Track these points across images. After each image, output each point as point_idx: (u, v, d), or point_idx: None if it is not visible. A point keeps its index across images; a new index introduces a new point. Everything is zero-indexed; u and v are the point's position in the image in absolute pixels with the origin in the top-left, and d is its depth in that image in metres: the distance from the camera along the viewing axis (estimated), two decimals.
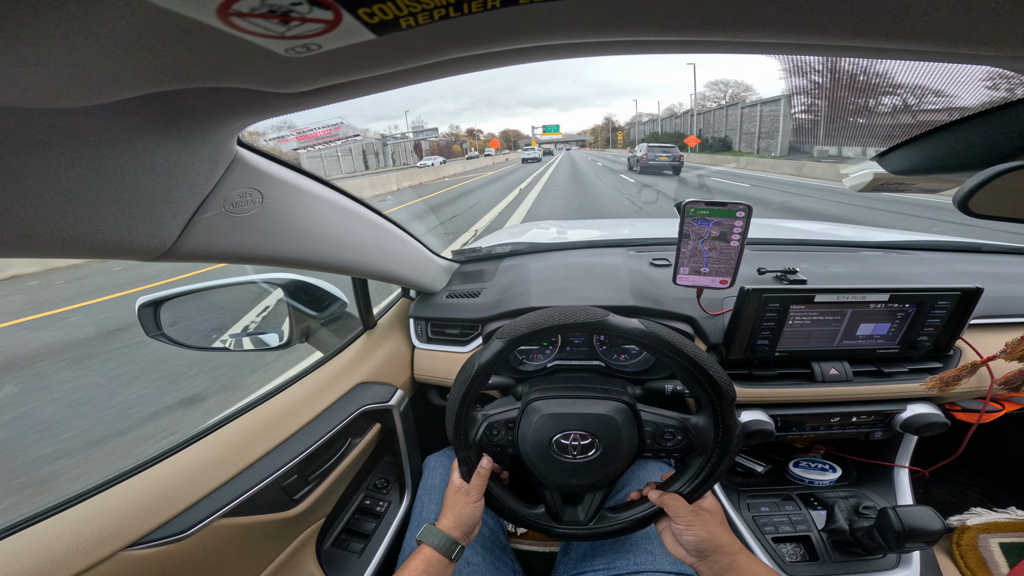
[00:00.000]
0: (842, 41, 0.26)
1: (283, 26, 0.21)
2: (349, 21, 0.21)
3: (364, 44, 0.23)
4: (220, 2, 0.19)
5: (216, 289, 0.97)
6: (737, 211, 0.79)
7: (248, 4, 0.19)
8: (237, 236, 0.49)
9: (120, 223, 0.36)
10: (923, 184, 0.56)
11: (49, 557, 0.51)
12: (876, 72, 0.42)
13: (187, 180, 0.40)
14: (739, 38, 0.27)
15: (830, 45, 0.28)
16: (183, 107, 0.32)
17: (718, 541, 0.60)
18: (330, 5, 0.19)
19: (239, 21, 0.20)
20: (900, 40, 0.25)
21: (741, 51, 0.31)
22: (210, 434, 0.73)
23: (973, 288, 0.83)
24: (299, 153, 42.35)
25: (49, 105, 0.26)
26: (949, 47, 0.26)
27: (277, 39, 0.22)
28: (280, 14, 0.20)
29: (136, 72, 0.24)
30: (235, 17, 0.20)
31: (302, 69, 0.25)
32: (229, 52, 0.23)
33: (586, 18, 0.24)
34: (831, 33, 0.25)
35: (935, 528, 0.74)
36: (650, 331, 0.61)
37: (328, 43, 0.22)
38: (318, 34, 0.21)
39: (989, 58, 0.29)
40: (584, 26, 0.25)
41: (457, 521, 0.66)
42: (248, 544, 0.71)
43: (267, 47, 0.22)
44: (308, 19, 0.20)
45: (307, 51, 0.23)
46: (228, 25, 0.20)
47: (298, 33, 0.21)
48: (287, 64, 0.24)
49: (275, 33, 0.21)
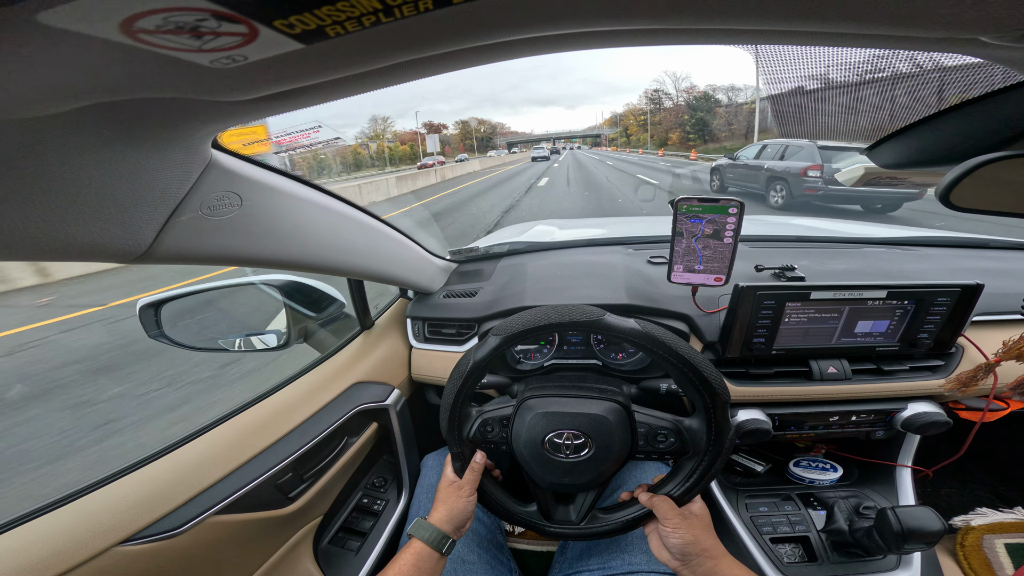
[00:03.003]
0: (828, 27, 0.26)
1: (197, 40, 0.20)
2: (268, 33, 0.20)
3: (294, 53, 0.22)
4: (119, 21, 0.18)
5: (215, 291, 0.98)
6: (730, 207, 0.79)
7: (151, 22, 0.18)
8: (217, 238, 0.49)
9: (91, 227, 0.37)
10: (915, 178, 0.55)
11: (44, 553, 0.52)
12: (861, 63, 0.41)
13: (159, 185, 0.40)
14: (725, 25, 0.27)
15: (817, 32, 0.28)
16: (146, 115, 0.33)
17: (702, 545, 0.60)
18: (240, 20, 0.19)
19: (148, 37, 0.19)
20: (881, 24, 0.25)
21: (728, 40, 0.31)
22: (205, 432, 0.74)
23: (973, 284, 0.81)
24: (280, 156, 42.54)
25: (3, 116, 0.26)
26: (930, 31, 0.25)
27: (196, 52, 0.21)
28: (189, 29, 0.19)
29: (75, 86, 0.24)
30: (143, 34, 0.19)
31: (239, 79, 0.25)
32: (155, 65, 0.22)
33: (532, 13, 0.23)
34: (818, 19, 0.25)
35: (935, 529, 0.72)
36: (646, 331, 0.61)
37: (254, 54, 0.22)
38: (238, 46, 0.21)
39: (968, 44, 0.28)
40: (531, 21, 0.24)
41: (449, 515, 0.67)
42: (243, 541, 0.72)
43: (190, 60, 0.22)
44: (221, 33, 0.20)
45: (234, 62, 0.22)
46: (139, 41, 0.20)
47: (216, 46, 0.21)
48: (220, 74, 0.24)
49: (191, 47, 0.20)
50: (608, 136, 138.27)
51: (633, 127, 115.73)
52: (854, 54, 0.40)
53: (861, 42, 0.32)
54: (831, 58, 0.38)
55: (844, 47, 0.35)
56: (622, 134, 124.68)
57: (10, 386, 3.21)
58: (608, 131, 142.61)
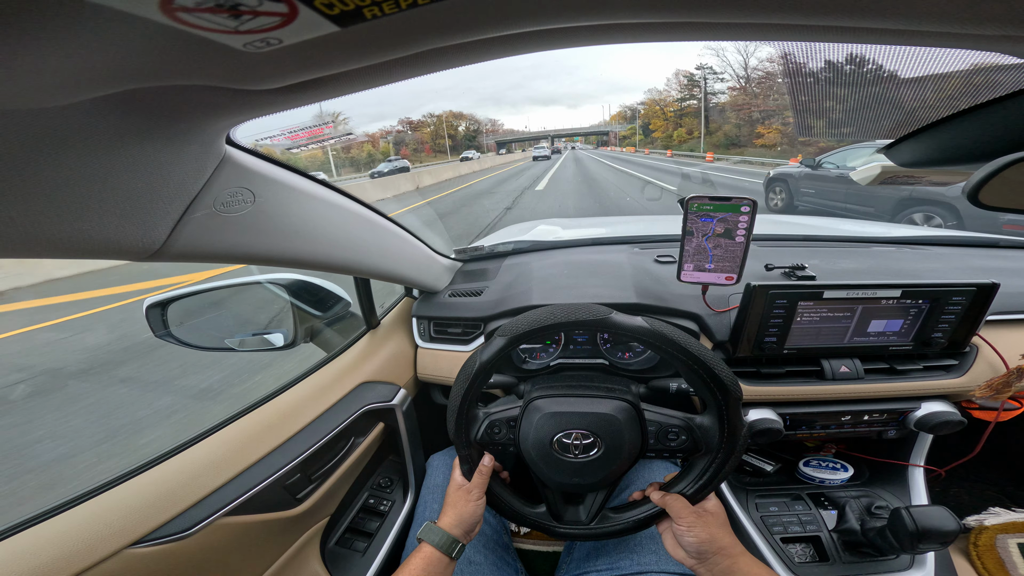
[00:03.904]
0: (846, 21, 0.25)
1: (235, 20, 0.20)
2: (307, 13, 0.20)
3: (329, 37, 0.22)
4: None
5: (221, 290, 0.98)
6: (742, 206, 0.78)
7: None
8: (230, 236, 0.49)
9: (106, 224, 0.36)
10: (932, 177, 0.54)
11: (55, 554, 0.51)
12: (881, 61, 0.40)
13: (173, 180, 0.39)
14: (737, 19, 0.26)
15: (834, 26, 0.27)
16: (164, 107, 0.32)
17: (719, 543, 0.59)
18: None
19: (185, 16, 0.19)
20: (905, 20, 0.24)
21: (739, 35, 0.30)
22: (213, 433, 0.74)
23: (989, 284, 0.80)
24: (292, 153, 42.33)
25: (20, 106, 0.25)
26: (955, 27, 0.24)
27: (231, 34, 0.21)
28: (228, 8, 0.19)
29: (101, 71, 0.23)
30: (181, 12, 0.19)
31: (269, 64, 0.25)
32: (187, 48, 0.22)
33: (562, 4, 0.23)
34: (836, 13, 0.24)
35: (950, 529, 0.72)
36: (655, 329, 0.60)
37: (289, 37, 0.21)
38: (275, 27, 0.21)
39: (995, 41, 0.28)
40: (567, 10, 0.24)
41: (458, 519, 0.66)
42: (251, 542, 0.72)
43: (223, 42, 0.21)
44: (260, 12, 0.19)
45: (267, 46, 0.22)
46: (175, 20, 0.19)
47: (252, 27, 0.20)
48: (252, 60, 0.23)
49: (227, 28, 0.20)
50: (618, 133, 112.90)
51: (659, 121, 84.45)
52: (879, 49, 0.39)
53: (885, 38, 0.31)
54: (855, 51, 0.37)
55: (867, 43, 0.34)
56: (640, 130, 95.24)
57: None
58: (617, 127, 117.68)
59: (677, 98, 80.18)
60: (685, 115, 77.78)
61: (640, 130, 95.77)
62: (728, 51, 65.66)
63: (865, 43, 0.33)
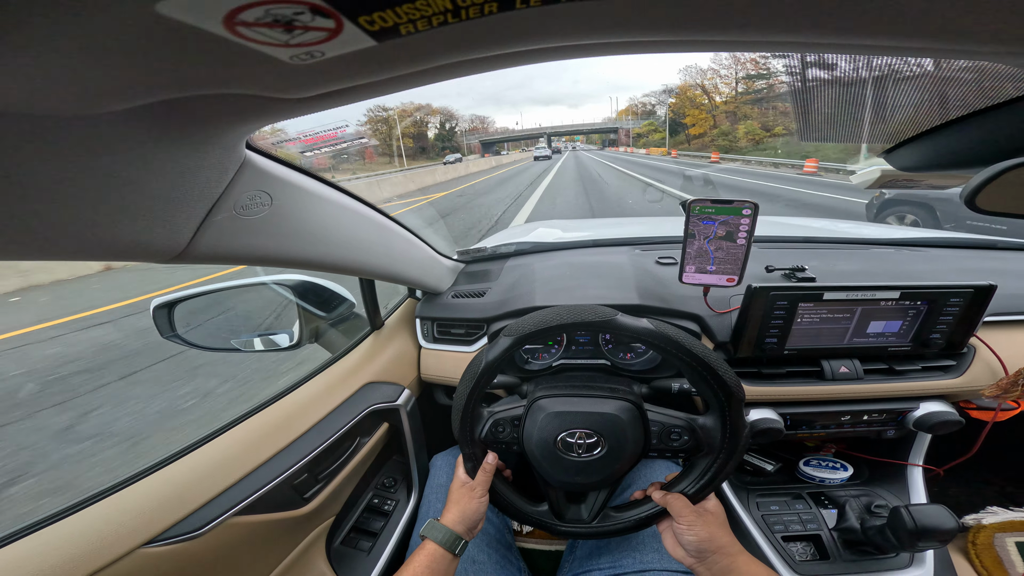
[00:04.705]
0: (851, 40, 0.26)
1: (287, 34, 0.21)
2: (351, 29, 0.21)
3: (366, 50, 0.23)
4: (226, 12, 0.19)
5: (228, 291, 0.99)
6: (743, 209, 0.79)
7: (253, 14, 0.19)
8: (247, 238, 0.50)
9: (137, 227, 0.37)
10: (931, 180, 0.55)
11: (69, 554, 0.52)
12: (881, 68, 0.41)
13: (198, 184, 0.40)
14: (743, 37, 0.27)
15: (837, 43, 0.28)
16: (191, 113, 0.33)
17: (718, 542, 0.60)
18: (331, 14, 0.20)
19: (244, 30, 0.21)
20: (908, 38, 0.25)
21: (745, 49, 0.31)
22: (223, 433, 0.75)
23: (986, 285, 0.81)
24: (306, 156, 42.28)
25: (60, 113, 0.27)
26: (956, 44, 0.25)
27: (282, 47, 0.22)
28: (284, 23, 0.20)
29: (148, 80, 0.24)
30: (241, 27, 0.20)
31: (306, 75, 0.26)
32: (235, 60, 0.23)
33: (583, 22, 0.24)
34: (839, 32, 0.25)
35: (949, 527, 0.73)
36: (658, 330, 0.61)
37: (331, 50, 0.23)
38: (321, 42, 0.22)
39: (993, 54, 0.29)
40: (581, 29, 0.25)
41: (461, 516, 0.67)
42: (260, 542, 0.73)
43: (272, 55, 0.23)
44: (311, 27, 0.21)
45: (311, 58, 0.24)
46: (234, 34, 0.21)
47: (302, 41, 0.22)
48: (292, 71, 0.25)
49: (280, 41, 0.22)
50: (631, 131, 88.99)
51: (700, 113, 61.95)
52: (872, 59, 0.40)
53: (881, 52, 0.32)
54: (860, 57, 0.38)
55: (865, 55, 0.35)
56: (666, 126, 70.88)
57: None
58: (629, 123, 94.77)
59: (744, 75, 54.37)
60: (759, 101, 52.37)
61: (666, 125, 70.43)
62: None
63: (859, 54, 0.34)
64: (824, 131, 0.48)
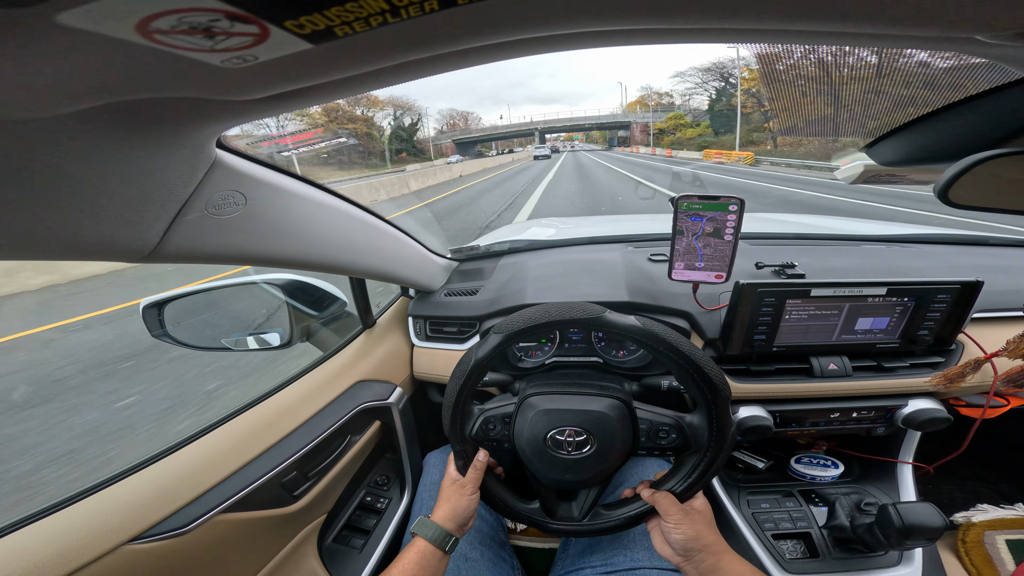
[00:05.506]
0: (826, 26, 0.27)
1: (209, 41, 0.21)
2: (279, 34, 0.21)
3: (302, 53, 0.23)
4: (136, 21, 0.19)
5: (218, 290, 0.99)
6: (730, 205, 0.79)
7: (167, 22, 0.19)
8: (222, 237, 0.50)
9: (100, 227, 0.37)
10: (914, 176, 0.55)
11: (55, 551, 0.52)
12: (856, 61, 0.41)
13: (165, 184, 0.40)
14: (722, 24, 0.27)
15: (815, 31, 0.28)
16: (152, 116, 0.33)
17: (704, 541, 0.60)
18: (253, 20, 0.19)
19: (163, 38, 0.20)
20: (879, 24, 0.25)
21: (727, 39, 0.31)
22: (210, 431, 0.75)
23: (973, 281, 0.82)
24: (286, 155, 41.57)
25: (3, 116, 0.26)
26: (927, 30, 0.26)
27: (208, 52, 0.22)
28: (202, 30, 0.20)
29: (78, 87, 0.24)
30: (158, 34, 0.20)
31: (249, 77, 0.25)
32: (166, 65, 0.23)
33: (535, 13, 0.24)
34: (816, 18, 0.25)
35: (936, 525, 0.73)
36: (646, 328, 0.61)
37: (264, 54, 0.22)
38: (249, 46, 0.21)
39: (965, 43, 0.29)
40: (537, 20, 0.25)
41: (452, 513, 0.67)
42: (249, 539, 0.73)
43: (203, 60, 0.22)
44: (233, 33, 0.20)
45: (244, 62, 0.23)
46: (153, 42, 0.20)
47: (228, 46, 0.21)
48: (232, 74, 0.24)
49: (204, 47, 0.21)
50: (651, 125, 67.64)
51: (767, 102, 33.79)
52: (854, 52, 0.40)
53: (860, 41, 0.32)
54: (831, 54, 0.38)
55: (842, 46, 0.36)
56: (697, 120, 56.49)
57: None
58: (643, 117, 73.67)
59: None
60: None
61: (715, 119, 51.85)
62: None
63: (839, 44, 0.34)
64: (800, 124, 0.49)
